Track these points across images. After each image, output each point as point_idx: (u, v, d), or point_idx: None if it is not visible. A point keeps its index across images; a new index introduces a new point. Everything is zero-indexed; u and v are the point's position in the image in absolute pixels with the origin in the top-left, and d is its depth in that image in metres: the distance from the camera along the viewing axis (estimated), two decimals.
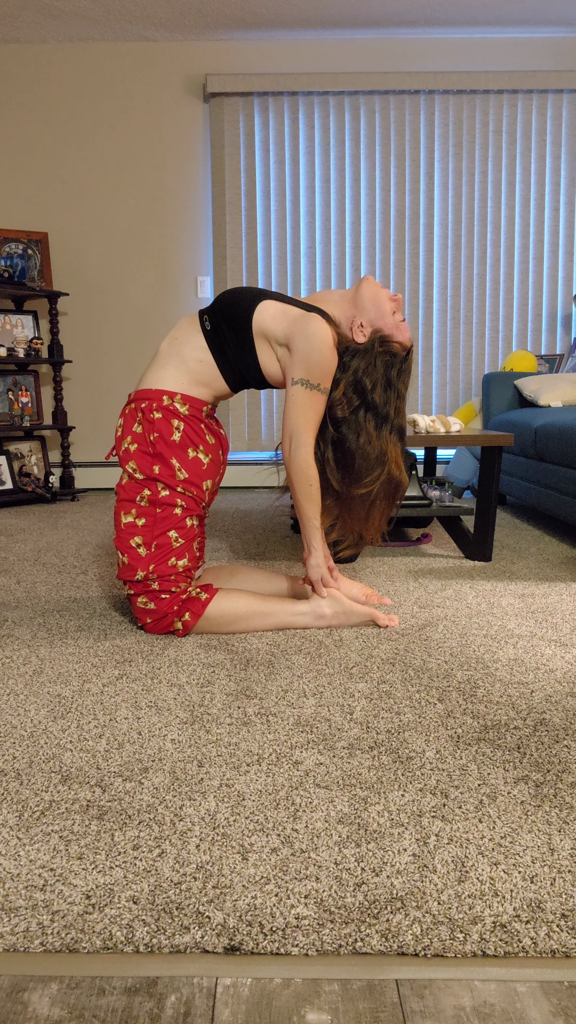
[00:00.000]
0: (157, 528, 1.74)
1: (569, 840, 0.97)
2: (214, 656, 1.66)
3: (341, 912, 0.85)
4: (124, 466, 1.77)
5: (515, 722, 1.32)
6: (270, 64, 4.34)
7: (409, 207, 4.42)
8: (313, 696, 1.44)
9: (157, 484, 1.74)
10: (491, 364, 4.51)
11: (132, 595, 1.78)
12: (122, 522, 1.76)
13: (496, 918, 0.83)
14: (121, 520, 1.76)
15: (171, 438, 1.73)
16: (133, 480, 1.76)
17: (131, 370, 4.58)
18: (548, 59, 4.33)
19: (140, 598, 1.77)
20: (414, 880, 0.90)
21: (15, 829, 1.01)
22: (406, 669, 1.58)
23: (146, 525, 1.75)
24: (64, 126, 4.40)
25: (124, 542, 1.75)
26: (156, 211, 4.46)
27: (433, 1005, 0.74)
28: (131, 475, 1.76)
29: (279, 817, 1.03)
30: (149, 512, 1.75)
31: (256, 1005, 0.74)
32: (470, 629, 1.84)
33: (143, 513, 1.75)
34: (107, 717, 1.35)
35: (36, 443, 4.38)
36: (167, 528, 1.74)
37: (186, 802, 1.07)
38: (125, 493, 1.77)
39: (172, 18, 4.05)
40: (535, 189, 4.40)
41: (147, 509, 1.75)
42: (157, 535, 1.74)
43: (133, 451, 1.75)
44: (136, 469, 1.75)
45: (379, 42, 4.32)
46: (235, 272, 4.42)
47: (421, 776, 1.13)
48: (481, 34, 4.28)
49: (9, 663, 1.63)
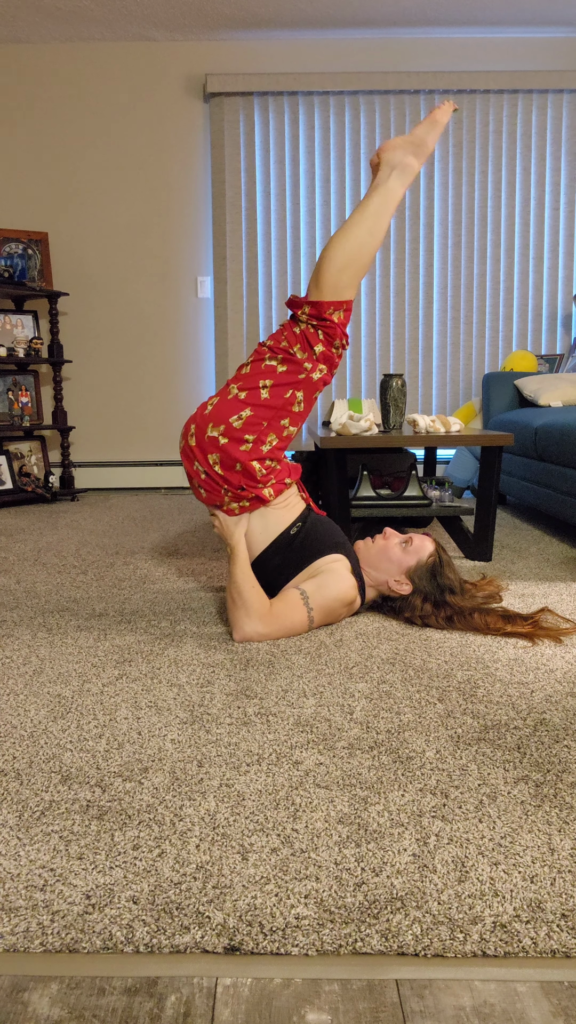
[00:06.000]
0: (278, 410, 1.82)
1: (569, 840, 0.97)
2: (214, 656, 1.66)
3: (341, 912, 0.85)
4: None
5: (515, 722, 1.32)
6: (270, 64, 4.34)
7: (409, 207, 4.42)
8: (313, 696, 1.44)
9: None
10: (491, 364, 4.51)
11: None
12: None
13: (496, 918, 0.83)
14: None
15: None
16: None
17: (131, 370, 4.58)
18: (548, 59, 4.32)
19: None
20: (414, 880, 0.90)
21: (15, 829, 1.01)
22: (406, 669, 1.58)
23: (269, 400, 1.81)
24: (64, 126, 4.40)
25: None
26: (156, 211, 4.46)
27: (433, 1005, 0.74)
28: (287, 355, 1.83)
29: (279, 817, 1.03)
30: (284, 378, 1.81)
31: (256, 1005, 0.74)
32: None
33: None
34: (107, 717, 1.35)
35: (36, 443, 4.38)
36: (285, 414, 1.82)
37: (186, 802, 1.07)
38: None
39: (172, 18, 4.05)
40: (535, 189, 4.40)
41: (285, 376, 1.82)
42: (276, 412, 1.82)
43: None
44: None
45: (379, 42, 4.32)
46: (235, 272, 4.42)
47: (421, 776, 1.13)
48: (481, 34, 4.28)
49: (9, 663, 1.63)
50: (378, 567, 1.89)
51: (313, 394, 1.85)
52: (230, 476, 1.80)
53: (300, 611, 1.76)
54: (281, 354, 1.81)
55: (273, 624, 1.74)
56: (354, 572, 1.86)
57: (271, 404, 1.80)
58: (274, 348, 1.83)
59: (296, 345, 1.81)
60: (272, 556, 1.86)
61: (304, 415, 1.86)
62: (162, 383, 4.59)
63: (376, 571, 1.90)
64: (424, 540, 1.89)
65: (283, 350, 1.81)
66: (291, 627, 1.77)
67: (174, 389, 4.60)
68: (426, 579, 1.85)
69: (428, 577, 1.85)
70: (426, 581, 1.85)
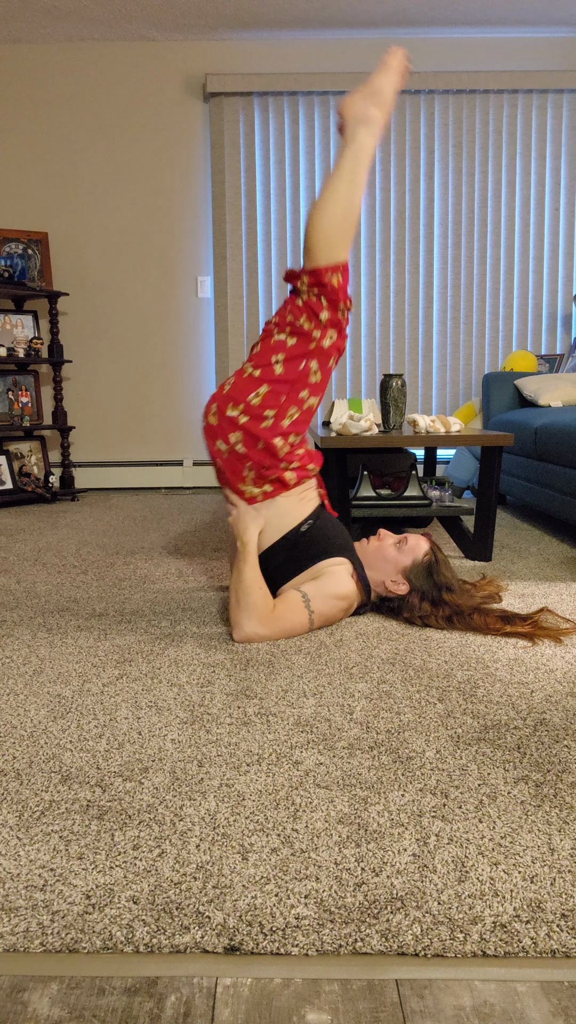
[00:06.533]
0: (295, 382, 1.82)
1: (569, 840, 0.97)
2: (214, 656, 1.66)
3: (341, 912, 0.85)
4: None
5: (515, 722, 1.32)
6: (270, 64, 4.34)
7: (409, 207, 4.42)
8: (313, 696, 1.44)
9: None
10: (491, 364, 4.51)
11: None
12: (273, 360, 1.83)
13: (496, 918, 0.83)
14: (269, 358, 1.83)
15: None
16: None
17: (131, 370, 4.58)
18: (548, 59, 4.33)
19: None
20: (414, 880, 0.90)
21: (15, 829, 1.01)
22: (406, 669, 1.58)
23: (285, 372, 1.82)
24: (64, 126, 4.40)
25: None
26: (156, 211, 4.46)
27: (433, 1005, 0.74)
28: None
29: (279, 817, 1.03)
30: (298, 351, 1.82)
31: (256, 1005, 0.74)
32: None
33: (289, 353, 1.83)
34: (107, 717, 1.35)
35: (36, 443, 4.38)
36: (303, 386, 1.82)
37: (186, 802, 1.07)
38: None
39: (172, 18, 4.05)
40: (535, 189, 4.40)
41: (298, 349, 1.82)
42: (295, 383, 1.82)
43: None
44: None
45: (379, 42, 4.32)
46: (235, 272, 4.42)
47: (421, 776, 1.13)
48: (481, 34, 4.28)
49: (9, 663, 1.63)
50: (374, 568, 1.90)
51: (327, 362, 1.85)
52: (252, 454, 1.80)
53: (301, 614, 1.77)
54: (288, 327, 1.82)
55: (274, 626, 1.75)
56: (358, 576, 1.86)
57: (286, 378, 1.81)
58: (280, 323, 1.84)
59: (302, 316, 1.81)
60: (279, 551, 1.86)
61: (322, 385, 1.86)
62: (162, 383, 4.59)
63: (372, 572, 1.90)
64: (419, 539, 1.90)
65: (290, 323, 1.82)
66: (291, 629, 1.77)
67: (174, 389, 4.60)
68: (422, 578, 1.86)
69: (424, 576, 1.86)
70: (423, 580, 1.86)
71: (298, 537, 1.85)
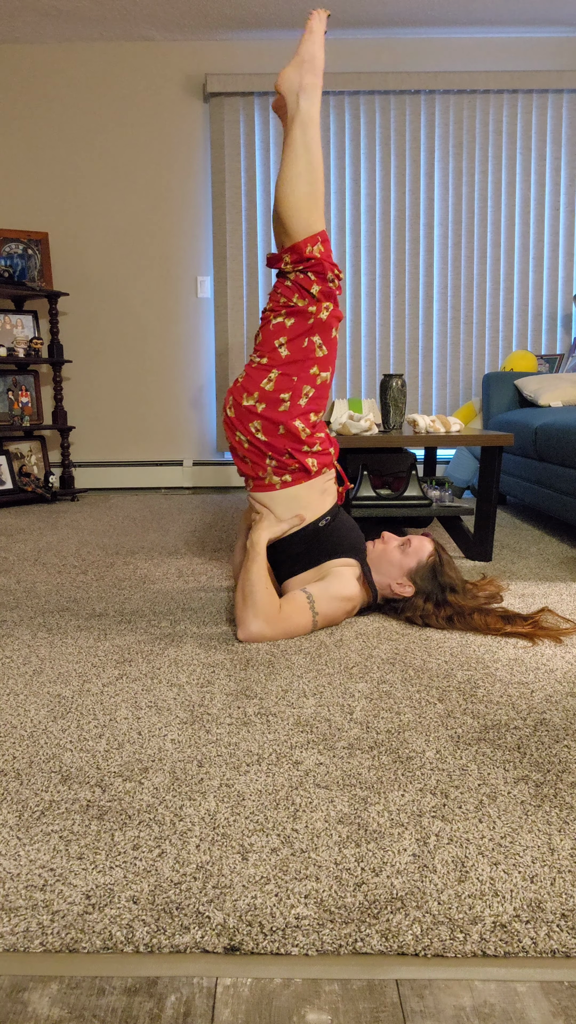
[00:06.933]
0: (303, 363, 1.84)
1: (569, 840, 0.97)
2: (214, 656, 1.66)
3: (341, 912, 0.85)
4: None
5: (515, 722, 1.32)
6: (270, 64, 4.34)
7: (409, 207, 4.42)
8: (313, 696, 1.44)
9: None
10: (491, 364, 4.51)
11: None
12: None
13: (496, 918, 0.83)
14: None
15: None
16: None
17: (131, 370, 4.58)
18: (549, 59, 4.32)
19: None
20: (414, 880, 0.90)
21: (15, 829, 1.01)
22: (406, 669, 1.58)
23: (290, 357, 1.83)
24: (64, 126, 4.40)
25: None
26: (156, 211, 4.46)
27: (433, 1005, 0.74)
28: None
29: (279, 817, 1.03)
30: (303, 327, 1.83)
31: (256, 1005, 0.74)
32: None
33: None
34: (107, 717, 1.35)
35: (36, 443, 4.38)
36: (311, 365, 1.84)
37: (186, 802, 1.07)
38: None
39: (172, 18, 4.05)
40: (535, 189, 4.40)
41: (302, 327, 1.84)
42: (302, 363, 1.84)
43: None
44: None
45: (379, 42, 4.32)
46: (235, 272, 4.42)
47: (421, 776, 1.13)
48: (481, 34, 4.28)
49: (9, 663, 1.63)
50: (379, 571, 1.90)
51: (330, 334, 1.87)
52: (274, 441, 1.82)
53: (306, 615, 1.78)
54: (284, 309, 1.84)
55: (279, 627, 1.75)
56: (366, 578, 1.87)
57: (293, 358, 1.83)
58: (275, 308, 1.86)
59: (294, 295, 1.83)
60: (293, 544, 1.87)
61: (331, 358, 1.88)
62: (162, 383, 4.59)
63: (378, 575, 1.90)
64: (423, 541, 1.90)
65: (284, 305, 1.84)
66: (295, 630, 1.78)
67: (174, 389, 4.60)
68: (428, 579, 1.86)
69: (430, 577, 1.86)
70: (428, 581, 1.86)
71: (316, 532, 1.87)
